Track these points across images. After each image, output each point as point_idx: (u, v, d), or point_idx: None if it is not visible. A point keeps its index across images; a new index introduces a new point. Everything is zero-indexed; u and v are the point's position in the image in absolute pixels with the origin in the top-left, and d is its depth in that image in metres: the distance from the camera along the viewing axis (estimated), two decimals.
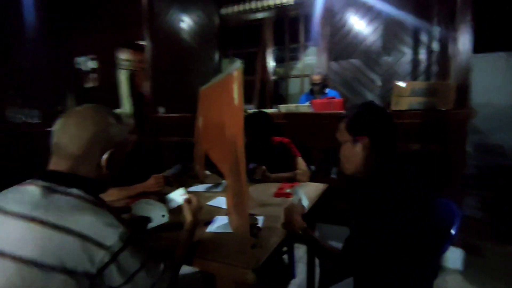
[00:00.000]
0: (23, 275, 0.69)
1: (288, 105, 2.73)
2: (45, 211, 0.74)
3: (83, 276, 0.72)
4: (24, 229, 0.72)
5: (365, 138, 1.06)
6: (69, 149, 0.82)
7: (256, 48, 4.03)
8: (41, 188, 0.78)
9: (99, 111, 0.88)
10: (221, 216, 1.37)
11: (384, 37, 3.19)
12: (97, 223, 0.75)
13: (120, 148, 0.90)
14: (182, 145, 3.29)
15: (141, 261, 0.81)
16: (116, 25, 5.01)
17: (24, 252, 0.70)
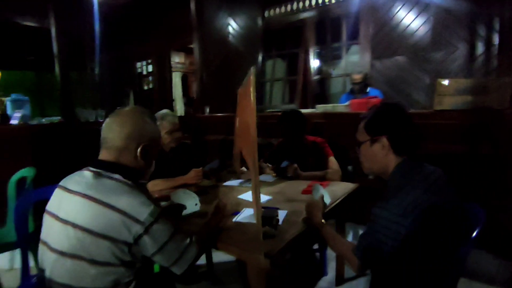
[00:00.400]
0: (79, 238, 0.90)
1: (325, 105, 2.74)
2: (96, 191, 0.94)
3: (122, 243, 0.91)
4: (80, 203, 0.93)
5: (383, 138, 1.07)
6: (112, 142, 1.01)
7: (298, 48, 4.06)
8: (93, 173, 0.98)
9: (137, 112, 1.06)
10: (249, 209, 1.49)
11: (434, 30, 2.96)
12: (133, 202, 0.93)
13: (154, 143, 1.08)
14: (226, 143, 3.47)
15: (169, 234, 0.97)
16: (170, 32, 5.45)
17: (80, 222, 0.91)
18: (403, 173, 1.04)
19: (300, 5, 3.93)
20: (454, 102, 2.01)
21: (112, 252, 0.90)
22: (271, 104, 4.34)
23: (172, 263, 1.00)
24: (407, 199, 0.95)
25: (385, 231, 0.96)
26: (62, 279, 0.92)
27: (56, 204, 0.99)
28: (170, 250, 0.98)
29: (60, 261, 0.92)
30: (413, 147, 1.08)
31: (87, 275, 0.90)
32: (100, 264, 0.90)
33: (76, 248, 0.90)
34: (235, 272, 2.26)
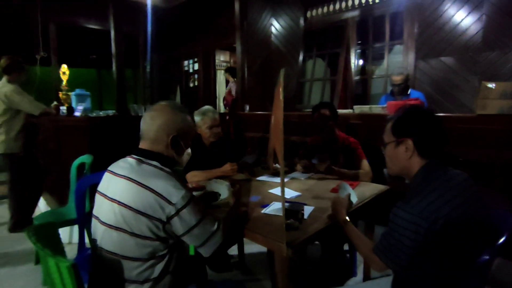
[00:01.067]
0: (122, 214, 1.07)
1: (362, 106, 2.71)
2: (137, 174, 1.10)
3: (157, 221, 1.06)
4: (124, 184, 1.09)
5: (408, 140, 1.08)
6: (146, 134, 1.18)
7: (339, 48, 4.02)
8: (135, 160, 1.15)
9: (167, 106, 1.20)
10: (278, 202, 1.58)
11: (486, 30, 2.75)
12: (167, 185, 1.07)
13: (183, 133, 1.20)
14: (264, 141, 3.58)
15: (198, 219, 1.10)
16: (216, 32, 5.70)
17: (124, 200, 1.07)
18: (425, 175, 1.06)
19: (343, 5, 3.89)
20: (499, 107, 1.90)
21: (148, 227, 1.05)
22: (310, 104, 4.36)
23: (199, 245, 1.13)
24: (425, 200, 0.97)
25: (403, 231, 0.98)
26: (109, 247, 1.09)
27: (105, 185, 1.16)
28: (197, 233, 1.10)
29: (108, 232, 1.09)
30: (438, 150, 1.08)
31: (128, 245, 1.06)
32: (139, 236, 1.05)
33: (120, 222, 1.06)
34: (265, 263, 2.36)
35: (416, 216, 0.96)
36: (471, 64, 2.89)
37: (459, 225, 0.97)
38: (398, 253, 1.00)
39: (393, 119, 1.16)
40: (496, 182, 2.03)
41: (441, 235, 0.95)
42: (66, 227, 2.52)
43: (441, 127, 1.09)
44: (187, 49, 6.61)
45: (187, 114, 1.24)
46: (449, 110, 3.01)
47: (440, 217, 0.94)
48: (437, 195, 0.98)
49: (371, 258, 1.11)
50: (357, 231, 1.26)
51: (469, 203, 1.01)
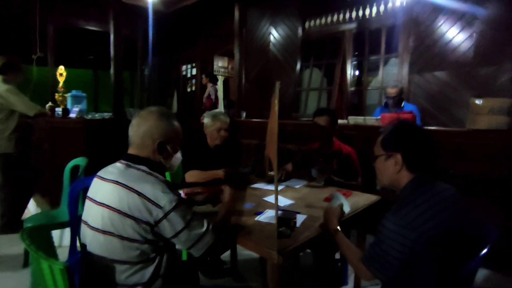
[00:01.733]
0: (110, 217, 1.08)
1: (356, 117, 2.76)
2: (125, 178, 1.11)
3: (145, 224, 1.07)
4: (112, 188, 1.11)
5: (397, 154, 1.12)
6: (133, 140, 1.20)
7: (336, 59, 4.09)
8: (123, 165, 1.17)
9: (152, 112, 1.21)
10: (271, 210, 1.60)
11: (478, 46, 2.84)
12: (155, 189, 1.08)
13: (169, 139, 1.21)
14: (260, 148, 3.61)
15: (187, 221, 1.11)
16: (215, 38, 5.76)
17: (111, 203, 1.09)
18: (413, 189, 1.09)
19: (341, 17, 3.97)
20: (488, 122, 1.96)
21: (136, 230, 1.06)
22: (306, 113, 4.41)
23: (190, 247, 1.14)
24: (413, 213, 1.00)
25: (391, 242, 1.01)
26: (98, 251, 1.11)
27: (94, 190, 1.18)
28: (186, 235, 1.11)
29: (96, 236, 1.11)
30: (426, 165, 1.11)
31: (116, 249, 1.07)
32: (126, 239, 1.07)
33: (107, 225, 1.08)
34: (257, 270, 2.37)
35: (404, 227, 0.99)
36: (464, 79, 2.96)
37: (446, 238, 0.99)
38: (385, 264, 1.03)
39: (383, 133, 1.19)
40: (485, 195, 2.08)
41: (427, 247, 0.97)
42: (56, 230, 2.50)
43: (430, 143, 1.13)
44: (185, 54, 6.65)
45: (174, 120, 1.25)
46: (444, 124, 3.07)
47: (427, 229, 0.97)
48: (425, 208, 1.01)
49: (359, 267, 1.13)
50: (347, 241, 1.28)
51: (456, 217, 1.04)
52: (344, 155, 2.27)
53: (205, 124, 2.26)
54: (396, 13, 3.42)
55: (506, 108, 1.91)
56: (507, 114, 1.92)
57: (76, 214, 2.01)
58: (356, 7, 3.79)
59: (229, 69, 7.79)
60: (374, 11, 3.62)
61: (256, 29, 4.97)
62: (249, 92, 4.87)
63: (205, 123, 2.26)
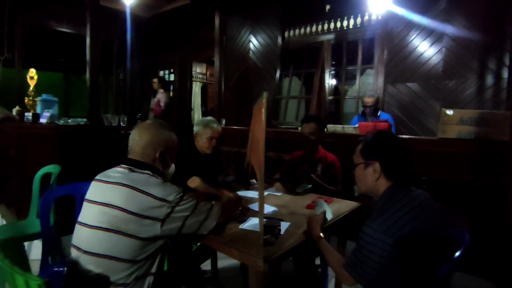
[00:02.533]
0: (114, 215, 1.10)
1: (335, 126, 2.84)
2: (130, 181, 1.16)
3: (154, 220, 1.11)
4: (117, 189, 1.14)
5: (376, 163, 1.18)
6: (134, 149, 1.26)
7: (314, 68, 4.20)
8: (126, 169, 1.22)
9: (154, 125, 1.32)
10: (255, 218, 1.60)
11: (446, 60, 3.04)
12: (161, 189, 1.15)
13: (170, 148, 1.31)
14: (240, 155, 3.61)
15: (195, 204, 1.21)
16: (195, 44, 5.73)
17: (119, 203, 1.11)
18: (390, 195, 1.14)
19: (319, 28, 4.10)
20: (458, 131, 2.09)
21: (144, 227, 1.10)
22: (285, 121, 4.47)
23: (200, 225, 1.22)
24: (391, 219, 1.05)
25: (371, 248, 1.05)
26: (98, 249, 1.11)
27: (94, 193, 1.20)
28: (197, 214, 1.21)
29: (97, 234, 1.11)
30: (403, 173, 1.18)
31: (120, 246, 1.09)
32: (132, 237, 1.09)
33: (112, 223, 1.10)
34: (238, 279, 2.35)
35: (382, 233, 1.03)
36: (433, 91, 3.14)
37: (422, 241, 1.05)
38: (366, 268, 1.06)
39: (363, 143, 1.25)
40: (453, 199, 2.20)
41: (405, 250, 1.02)
42: (24, 242, 2.35)
43: (406, 152, 1.19)
44: (163, 59, 6.56)
45: (171, 131, 1.34)
46: (414, 132, 3.23)
47: (405, 233, 1.02)
48: (401, 214, 1.06)
49: (342, 273, 1.16)
50: (330, 247, 1.31)
51: (430, 220, 1.10)
52: (329, 162, 2.32)
53: (196, 132, 2.20)
54: (372, 26, 3.58)
55: (474, 119, 2.05)
56: (475, 124, 2.05)
57: (48, 225, 1.90)
58: (335, 19, 3.93)
59: (207, 76, 7.76)
60: (352, 23, 3.77)
61: (236, 37, 5.01)
62: (229, 99, 4.88)
63: (196, 131, 2.20)
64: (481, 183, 2.09)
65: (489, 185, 2.04)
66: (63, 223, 1.97)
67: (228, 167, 3.69)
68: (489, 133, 2.03)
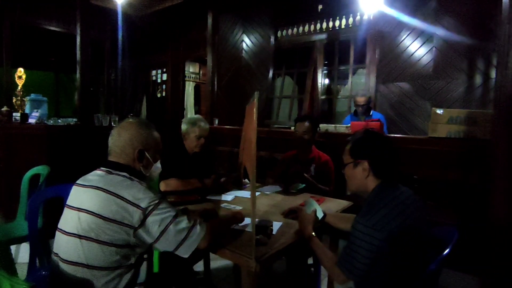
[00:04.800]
0: (90, 222, 1.06)
1: (327, 125, 2.85)
2: (105, 183, 1.11)
3: (127, 227, 1.06)
4: (92, 193, 1.10)
5: (365, 162, 1.19)
6: (113, 149, 1.21)
7: (307, 68, 4.22)
8: (104, 172, 1.17)
9: (133, 123, 1.24)
10: (247, 218, 1.59)
11: (435, 60, 3.08)
12: (136, 192, 1.09)
13: (149, 147, 1.24)
14: (232, 155, 3.59)
15: (170, 219, 1.10)
16: (187, 43, 5.69)
17: (92, 208, 1.07)
18: (379, 192, 1.16)
19: (312, 28, 4.11)
20: (447, 130, 2.12)
21: (117, 234, 1.05)
22: (278, 120, 4.47)
23: (176, 247, 1.11)
24: (378, 214, 1.07)
25: (360, 243, 1.07)
26: (74, 258, 1.07)
27: (73, 198, 1.16)
28: (173, 232, 1.09)
29: (73, 242, 1.07)
30: (391, 171, 1.20)
31: (94, 254, 1.05)
32: (106, 244, 1.05)
33: (86, 230, 1.06)
34: (231, 280, 2.34)
35: (371, 228, 1.05)
36: (422, 91, 3.18)
37: (409, 235, 1.07)
38: (356, 264, 1.08)
39: (351, 142, 1.26)
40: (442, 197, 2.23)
41: (394, 245, 1.04)
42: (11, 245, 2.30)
43: (394, 151, 1.21)
44: (156, 58, 6.50)
45: (154, 130, 1.28)
46: (404, 132, 3.27)
47: (392, 228, 1.04)
48: (389, 209, 1.08)
49: (334, 271, 1.17)
50: (322, 246, 1.31)
51: (415, 215, 1.12)
52: (322, 162, 2.33)
53: (184, 131, 2.18)
54: (364, 26, 3.60)
55: (463, 118, 2.08)
56: (463, 124, 2.08)
57: (36, 228, 1.86)
58: (327, 18, 3.94)
59: (200, 75, 7.72)
60: (344, 23, 3.79)
61: (228, 36, 4.99)
62: (221, 99, 4.86)
63: (184, 130, 2.18)
64: (468, 181, 2.12)
65: (476, 183, 2.07)
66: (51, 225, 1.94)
67: (221, 167, 3.68)
68: (477, 132, 2.06)
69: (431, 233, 1.18)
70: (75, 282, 1.05)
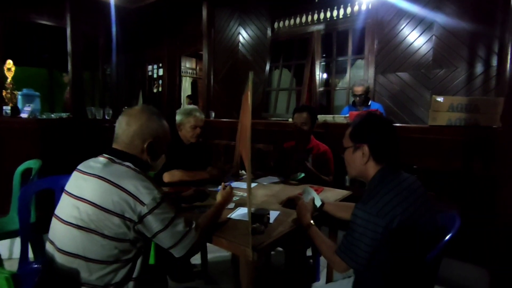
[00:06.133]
0: (91, 213, 1.02)
1: (325, 116, 2.81)
2: (108, 173, 1.06)
3: (127, 220, 1.02)
4: (93, 183, 1.05)
5: (364, 146, 1.14)
6: (121, 138, 1.14)
7: (304, 60, 4.16)
8: (107, 159, 1.11)
9: (143, 111, 1.17)
10: (243, 207, 1.56)
11: (435, 49, 3.03)
12: (139, 185, 1.04)
13: (159, 139, 1.18)
14: (229, 148, 3.55)
15: (170, 218, 1.07)
16: (183, 37, 5.61)
17: (91, 198, 1.03)
18: (381, 178, 1.12)
19: (309, 18, 4.04)
20: (448, 119, 2.07)
21: (118, 227, 1.01)
22: (276, 113, 4.42)
23: (172, 245, 1.09)
24: (382, 201, 1.02)
25: (363, 230, 1.02)
26: (70, 248, 1.02)
27: (72, 184, 1.11)
28: (170, 233, 1.07)
29: (70, 232, 1.03)
30: (392, 156, 1.15)
31: (93, 246, 1.01)
32: (106, 237, 1.01)
33: (86, 221, 1.01)
34: (229, 273, 2.30)
35: (374, 215, 1.01)
36: (423, 80, 3.13)
37: (412, 222, 1.03)
38: (358, 252, 1.04)
39: (352, 126, 1.21)
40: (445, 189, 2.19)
41: (397, 232, 1.00)
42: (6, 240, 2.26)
43: (395, 135, 1.16)
44: (151, 53, 6.42)
45: (164, 120, 1.21)
46: (405, 122, 3.22)
47: (396, 215, 1.00)
48: (392, 196, 1.04)
49: (334, 260, 1.13)
50: (321, 234, 1.27)
51: (419, 202, 1.08)
52: (321, 153, 2.30)
53: (179, 122, 2.15)
54: (362, 16, 3.54)
55: (464, 106, 2.03)
56: (465, 111, 2.04)
57: (28, 221, 1.81)
58: (324, 9, 3.87)
59: (197, 71, 7.65)
60: (342, 13, 3.72)
61: (224, 29, 4.92)
62: (218, 93, 4.80)
63: (179, 120, 2.15)
64: (471, 170, 2.08)
65: (479, 172, 2.03)
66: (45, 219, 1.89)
67: (218, 160, 3.64)
68: (479, 119, 2.02)
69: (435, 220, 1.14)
70: (69, 273, 1.01)
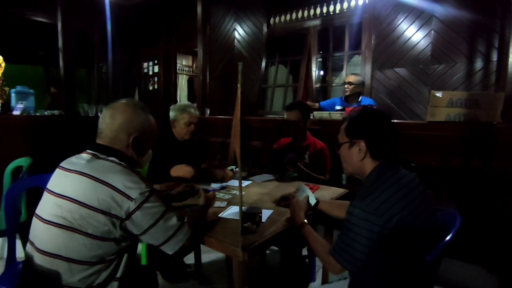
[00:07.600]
0: (73, 211, 0.96)
1: (322, 112, 2.76)
2: (91, 169, 1.00)
3: (114, 218, 0.96)
4: (76, 180, 0.99)
5: (361, 141, 1.09)
6: (105, 133, 1.08)
7: (301, 56, 4.10)
8: (90, 155, 1.06)
9: (128, 105, 1.11)
10: (235, 206, 1.51)
11: (434, 44, 2.97)
12: (125, 180, 0.98)
13: (145, 134, 1.12)
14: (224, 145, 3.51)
15: (160, 213, 1.02)
16: (178, 34, 5.55)
17: (76, 196, 0.97)
18: (378, 175, 1.07)
19: (305, 13, 3.99)
20: (447, 114, 2.02)
21: (103, 225, 0.95)
22: (272, 110, 4.37)
23: (163, 242, 1.03)
24: (379, 199, 0.97)
25: (359, 230, 0.97)
26: (51, 249, 0.97)
27: (54, 182, 1.05)
28: (160, 229, 1.01)
29: (51, 231, 0.97)
30: (389, 152, 1.10)
31: (76, 246, 0.96)
32: (90, 236, 0.96)
33: (69, 220, 0.96)
34: (223, 273, 2.26)
35: (371, 214, 0.96)
36: (421, 76, 3.08)
37: (411, 221, 0.98)
38: (353, 253, 0.99)
39: (347, 120, 1.16)
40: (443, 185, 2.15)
41: (395, 232, 0.95)
42: None
43: (392, 130, 1.11)
44: (147, 50, 6.35)
45: (150, 114, 1.16)
46: (402, 118, 3.18)
47: (394, 214, 0.95)
48: (390, 194, 0.99)
49: (328, 260, 1.08)
50: (315, 233, 1.23)
51: (418, 200, 1.03)
52: (317, 150, 2.26)
53: (173, 118, 2.12)
54: (359, 11, 3.49)
55: (463, 101, 1.99)
56: (464, 106, 1.99)
57: (15, 221, 1.76)
58: (321, 4, 3.81)
59: (193, 68, 7.58)
60: (338, 8, 3.66)
61: (220, 25, 4.86)
62: (213, 90, 4.74)
63: (173, 117, 2.11)
64: (471, 167, 2.03)
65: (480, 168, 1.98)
66: None
67: (214, 158, 3.59)
68: (479, 115, 1.97)
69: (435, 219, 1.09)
70: (49, 275, 0.96)
